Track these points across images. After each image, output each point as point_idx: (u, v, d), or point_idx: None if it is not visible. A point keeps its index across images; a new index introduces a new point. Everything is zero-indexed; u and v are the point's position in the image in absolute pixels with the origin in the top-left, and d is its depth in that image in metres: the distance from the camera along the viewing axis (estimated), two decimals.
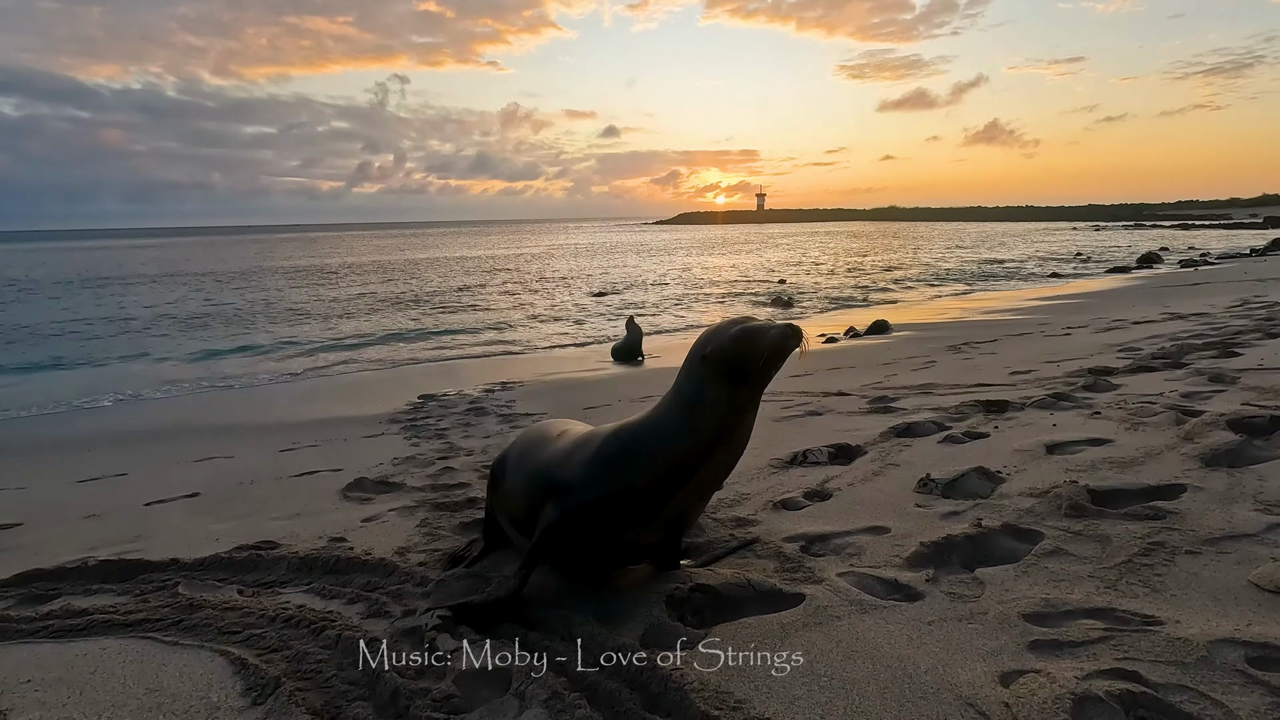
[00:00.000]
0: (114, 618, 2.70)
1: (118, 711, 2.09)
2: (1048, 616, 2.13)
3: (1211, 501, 2.76)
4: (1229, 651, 1.83)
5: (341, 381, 11.82)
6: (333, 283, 35.07)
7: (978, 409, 4.79)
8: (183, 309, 25.06)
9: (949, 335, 11.13)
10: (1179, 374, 5.31)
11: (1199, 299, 12.35)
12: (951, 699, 1.79)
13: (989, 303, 17.69)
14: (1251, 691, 1.68)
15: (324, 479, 4.99)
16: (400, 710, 1.97)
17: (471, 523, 3.66)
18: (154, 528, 4.10)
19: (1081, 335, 9.33)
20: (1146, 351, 6.76)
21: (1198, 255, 29.00)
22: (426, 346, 16.27)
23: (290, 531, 3.72)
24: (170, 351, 16.41)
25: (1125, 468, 3.25)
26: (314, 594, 2.87)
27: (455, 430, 6.72)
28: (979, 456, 3.66)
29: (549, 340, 16.38)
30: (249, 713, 2.04)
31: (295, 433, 7.56)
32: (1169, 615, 2.04)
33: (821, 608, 2.28)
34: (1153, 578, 2.27)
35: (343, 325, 19.84)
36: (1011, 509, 2.95)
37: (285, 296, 28.61)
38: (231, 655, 2.35)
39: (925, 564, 2.59)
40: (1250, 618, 1.98)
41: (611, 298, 25.02)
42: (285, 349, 16.33)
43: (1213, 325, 8.44)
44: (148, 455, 7.00)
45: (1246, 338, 6.88)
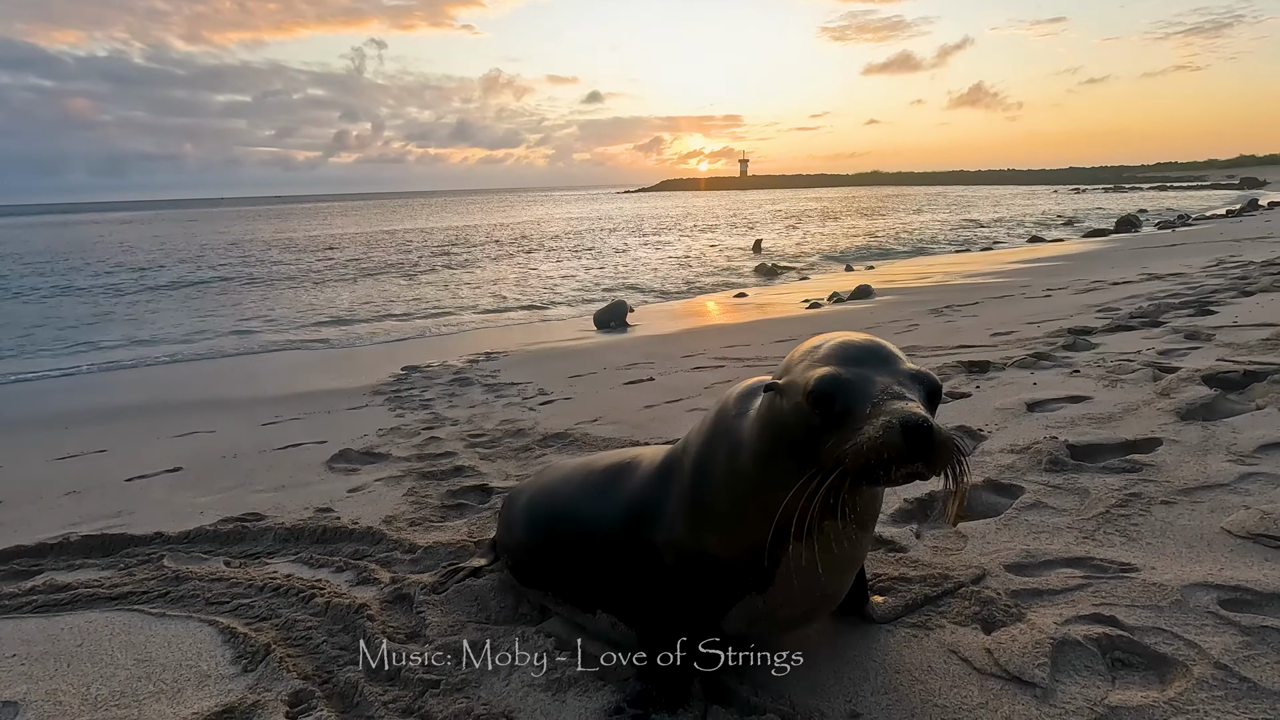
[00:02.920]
0: (99, 591, 2.68)
1: (106, 682, 2.09)
2: (1028, 566, 2.18)
3: (1186, 454, 2.82)
4: (1202, 595, 1.88)
5: (323, 354, 11.68)
6: (311, 255, 34.46)
7: (960, 370, 4.84)
8: (155, 281, 24.53)
9: (931, 298, 11.20)
10: (1156, 332, 5.39)
11: (1176, 259, 12.50)
12: (936, 646, 1.83)
13: (970, 266, 17.78)
14: (1223, 632, 1.73)
15: (309, 451, 4.95)
16: (392, 672, 1.98)
17: (458, 490, 3.66)
18: (136, 503, 4.05)
19: (1062, 296, 9.43)
20: (1125, 311, 6.84)
21: (1175, 217, 29.29)
22: (409, 318, 16.09)
23: (276, 503, 3.70)
24: (145, 328, 16.10)
25: (1103, 423, 3.30)
26: (301, 563, 2.86)
27: (440, 400, 6.69)
28: (961, 416, 3.71)
29: (533, 309, 16.26)
30: (239, 680, 2.04)
31: (277, 406, 7.48)
32: (1145, 562, 2.09)
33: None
34: (1129, 527, 2.32)
35: (323, 298, 19.54)
36: (993, 465, 3.00)
37: (264, 270, 28.09)
38: (220, 625, 2.35)
39: (909, 520, 2.63)
40: (1223, 563, 2.04)
41: (598, 272, 24.84)
42: (262, 323, 16.07)
43: (1189, 285, 8.56)
44: (127, 431, 6.89)
45: (1221, 296, 6.98)
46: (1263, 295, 6.74)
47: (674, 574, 1.75)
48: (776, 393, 1.53)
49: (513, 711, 1.78)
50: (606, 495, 1.99)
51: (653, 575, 1.79)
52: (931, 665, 1.76)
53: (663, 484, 1.84)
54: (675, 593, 1.76)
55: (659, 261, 25.62)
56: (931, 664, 1.77)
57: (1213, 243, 15.56)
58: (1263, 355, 4.05)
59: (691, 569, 1.73)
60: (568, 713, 1.75)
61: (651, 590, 1.80)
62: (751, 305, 14.11)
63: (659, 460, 1.92)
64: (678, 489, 1.79)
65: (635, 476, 1.95)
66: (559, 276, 22.66)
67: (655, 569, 1.78)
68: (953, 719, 1.61)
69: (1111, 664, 1.70)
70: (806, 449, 1.43)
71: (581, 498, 2.08)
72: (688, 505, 1.74)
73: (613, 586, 1.93)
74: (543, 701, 1.80)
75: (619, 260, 26.37)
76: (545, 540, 2.17)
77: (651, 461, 1.95)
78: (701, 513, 1.71)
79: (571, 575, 2.06)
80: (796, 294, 15.10)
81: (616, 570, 1.89)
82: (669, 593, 1.77)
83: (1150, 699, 1.57)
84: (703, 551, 1.70)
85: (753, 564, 1.63)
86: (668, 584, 1.77)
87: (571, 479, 2.20)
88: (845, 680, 1.77)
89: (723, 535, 1.68)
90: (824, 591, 1.71)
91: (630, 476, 1.97)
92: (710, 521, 1.69)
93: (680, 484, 1.78)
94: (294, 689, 1.94)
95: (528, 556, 2.24)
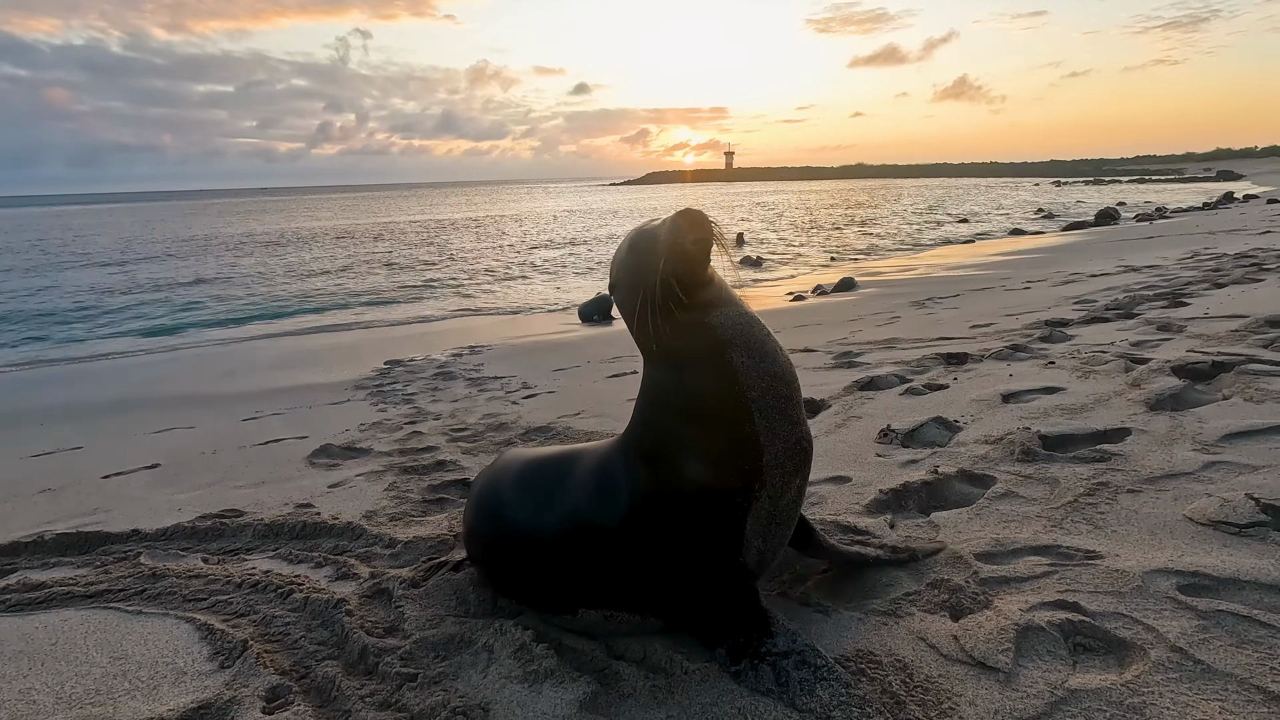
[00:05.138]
0: (74, 590, 2.66)
1: (81, 681, 2.08)
2: (997, 555, 2.22)
3: (1154, 443, 2.88)
4: (1162, 580, 1.93)
5: (305, 348, 11.58)
6: (291, 249, 34.05)
7: (938, 361, 4.90)
8: (133, 279, 24.14)
9: (913, 291, 11.30)
10: (1130, 324, 5.49)
11: (1152, 252, 12.69)
12: (905, 634, 1.87)
13: (953, 258, 17.94)
14: (1180, 616, 1.78)
15: (289, 446, 4.92)
16: (369, 667, 1.99)
17: (440, 485, 3.66)
18: (113, 500, 4.02)
19: (1040, 289, 9.55)
20: (1101, 303, 6.95)
21: (1153, 210, 29.69)
22: (392, 311, 15.98)
23: (255, 499, 3.68)
24: (122, 322, 15.86)
25: (1075, 413, 3.37)
26: (281, 559, 2.86)
27: (423, 395, 6.67)
28: (938, 407, 3.76)
29: (517, 303, 16.21)
30: (216, 676, 2.04)
31: (258, 401, 7.42)
32: (1109, 549, 2.15)
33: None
34: (1096, 515, 2.38)
35: (304, 292, 19.34)
36: (967, 455, 3.05)
37: (242, 264, 27.73)
38: (197, 621, 2.34)
39: (884, 509, 2.67)
40: (1184, 549, 2.09)
41: (583, 264, 24.76)
42: (243, 318, 15.89)
43: (1164, 277, 8.71)
44: (104, 428, 6.81)
45: (1195, 288, 7.11)
46: (1234, 287, 6.87)
47: (694, 520, 1.82)
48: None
49: (489, 703, 1.80)
50: (588, 496, 1.99)
51: (673, 537, 1.85)
52: (899, 652, 1.80)
53: (628, 465, 1.93)
54: (701, 537, 1.83)
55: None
56: (899, 651, 1.81)
57: (1189, 235, 15.82)
58: (1230, 346, 4.14)
59: (707, 502, 1.81)
60: (543, 703, 1.77)
61: (677, 552, 1.85)
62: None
63: (615, 447, 2.02)
64: (643, 461, 1.90)
65: (599, 472, 2.00)
66: (545, 269, 22.57)
67: (673, 531, 1.84)
68: None
69: (1073, 648, 1.75)
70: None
71: (551, 508, 2.07)
72: (677, 449, 1.84)
73: (616, 580, 1.95)
74: (519, 693, 1.82)
75: (604, 253, 26.32)
76: (515, 553, 2.15)
77: (607, 452, 2.03)
78: (680, 445, 1.84)
79: (557, 581, 2.06)
80: (780, 286, 15.18)
81: (628, 561, 1.92)
82: (695, 542, 1.84)
83: (1109, 682, 1.61)
84: (706, 481, 1.81)
85: (746, 448, 1.78)
86: (690, 537, 1.83)
87: (530, 488, 2.17)
88: None
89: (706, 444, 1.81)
90: (801, 439, 1.86)
91: (593, 474, 2.01)
92: (693, 446, 1.82)
93: (650, 446, 1.90)
94: (271, 684, 1.94)
95: (500, 564, 2.23)
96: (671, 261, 1.76)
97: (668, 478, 1.83)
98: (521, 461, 2.30)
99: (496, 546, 2.21)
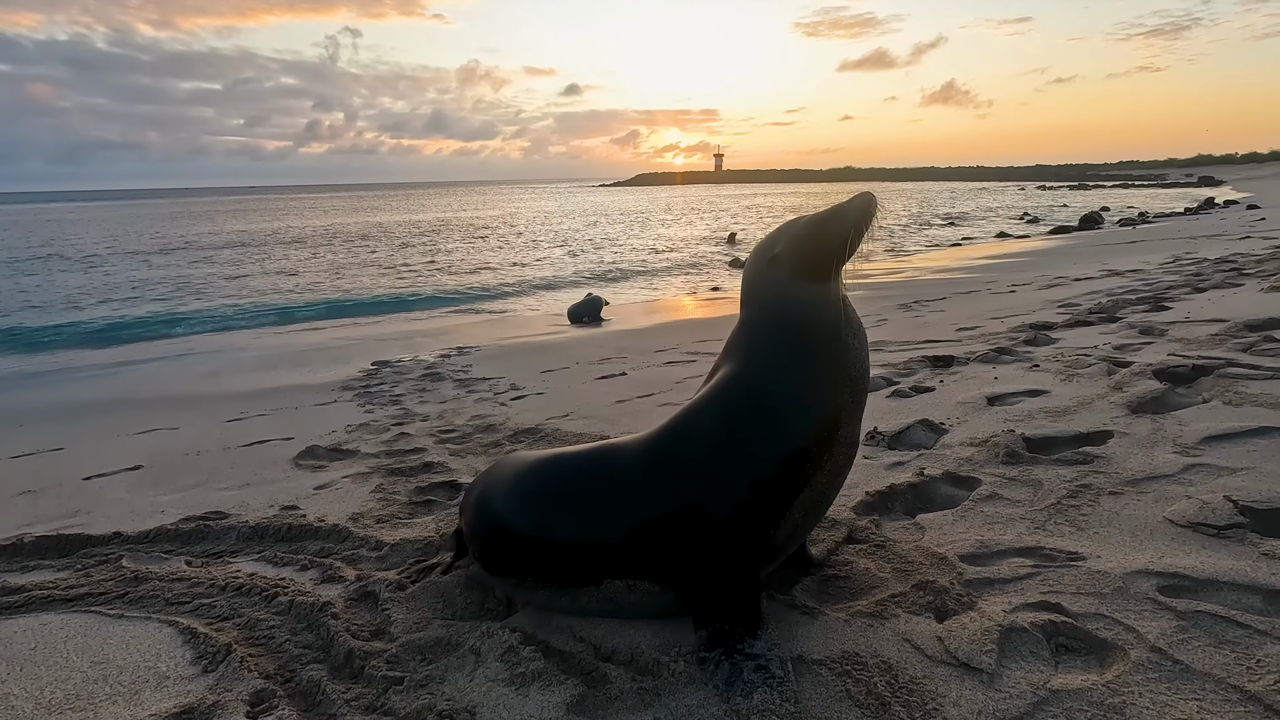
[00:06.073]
0: (54, 593, 2.63)
1: (60, 686, 2.05)
2: (981, 556, 2.25)
3: (1135, 446, 2.92)
4: (1142, 581, 1.96)
5: (291, 349, 11.48)
6: (278, 248, 33.77)
7: (925, 364, 4.94)
8: (116, 279, 23.84)
9: (901, 294, 11.38)
10: (1113, 327, 5.56)
11: (1136, 256, 12.86)
12: (890, 635, 1.89)
13: (940, 261, 18.08)
14: (1160, 616, 1.81)
15: (274, 448, 4.88)
16: (355, 670, 1.98)
17: (427, 486, 3.64)
18: (95, 502, 3.97)
19: (1026, 292, 9.65)
20: (1084, 307, 7.03)
21: (1136, 214, 30.08)
22: (380, 312, 15.89)
23: (240, 501, 3.65)
24: (105, 320, 15.65)
25: (1059, 416, 3.41)
26: (265, 562, 2.83)
27: (410, 396, 6.63)
28: (924, 409, 3.79)
29: (505, 304, 16.17)
30: (199, 680, 2.02)
31: (243, 402, 7.35)
32: (1091, 551, 2.17)
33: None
34: (1078, 517, 2.41)
35: (290, 292, 19.19)
36: (952, 458, 3.07)
37: (227, 264, 27.47)
38: (180, 625, 2.31)
39: (870, 512, 2.69)
40: (1164, 550, 2.13)
41: (575, 260, 24.73)
42: (228, 318, 15.73)
43: (1146, 281, 8.82)
44: (86, 429, 6.72)
45: (1176, 292, 7.21)
46: (1214, 292, 6.98)
47: (752, 492, 1.89)
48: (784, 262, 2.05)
49: (475, 706, 1.79)
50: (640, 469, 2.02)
51: (718, 511, 1.90)
52: (884, 653, 1.81)
53: (698, 432, 1.98)
54: (743, 514, 1.89)
55: (634, 255, 25.61)
56: (884, 652, 1.82)
57: (1171, 240, 16.04)
58: (1210, 350, 4.21)
59: (782, 472, 1.89)
60: (530, 705, 1.77)
61: (712, 527, 1.90)
62: (725, 299, 14.21)
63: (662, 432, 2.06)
64: (726, 425, 1.93)
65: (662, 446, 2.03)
66: (533, 271, 22.53)
67: (733, 488, 1.90)
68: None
69: (1055, 649, 1.77)
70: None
71: (597, 474, 2.12)
72: (765, 419, 1.91)
73: (643, 548, 1.98)
74: (506, 695, 1.81)
75: (594, 255, 26.31)
76: (540, 521, 2.14)
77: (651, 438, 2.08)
78: (781, 407, 1.92)
79: (576, 550, 2.06)
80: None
81: (657, 529, 1.95)
82: (735, 518, 1.89)
83: (1090, 682, 1.63)
84: (799, 446, 1.89)
85: (831, 419, 1.93)
86: (737, 510, 1.89)
87: (563, 463, 2.23)
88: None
89: (809, 405, 1.92)
90: (858, 431, 2.03)
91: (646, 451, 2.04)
92: (795, 410, 1.91)
93: (731, 415, 1.94)
94: (255, 688, 1.93)
95: (512, 540, 2.19)
96: (864, 216, 1.99)
97: (753, 432, 1.91)
98: (552, 458, 2.29)
99: (538, 530, 2.16)
